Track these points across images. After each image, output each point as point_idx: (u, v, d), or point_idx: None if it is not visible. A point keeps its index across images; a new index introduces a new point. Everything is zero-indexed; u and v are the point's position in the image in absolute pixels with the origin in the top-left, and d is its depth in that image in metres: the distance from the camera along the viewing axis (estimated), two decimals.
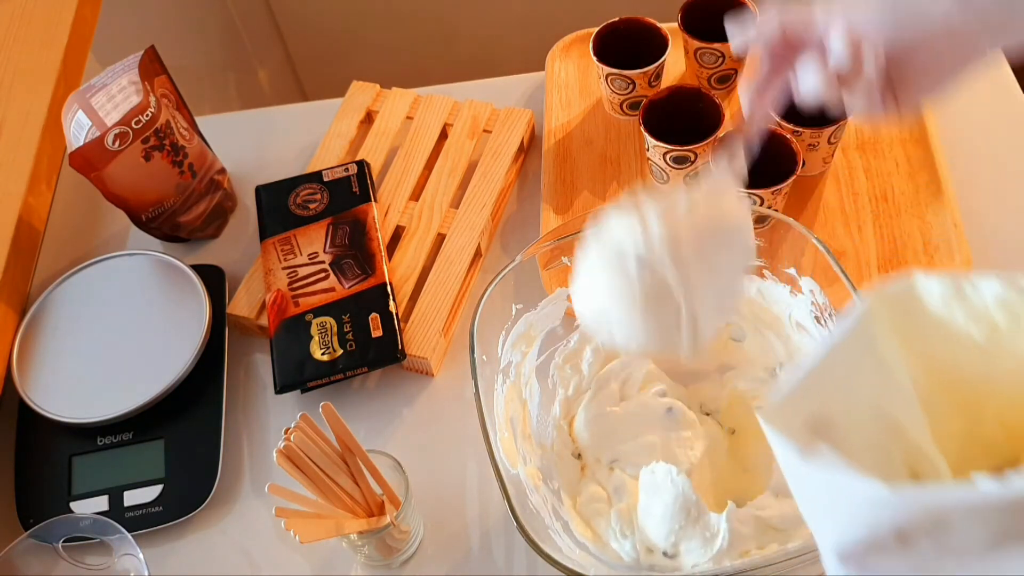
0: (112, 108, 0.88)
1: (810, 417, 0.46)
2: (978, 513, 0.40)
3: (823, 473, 0.43)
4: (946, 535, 0.41)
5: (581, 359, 0.81)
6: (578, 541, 0.71)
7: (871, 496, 0.40)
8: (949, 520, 0.40)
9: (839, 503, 0.43)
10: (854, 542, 0.42)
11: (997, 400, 0.48)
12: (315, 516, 0.70)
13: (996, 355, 0.48)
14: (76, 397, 0.85)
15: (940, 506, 0.40)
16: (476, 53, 1.75)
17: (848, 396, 0.48)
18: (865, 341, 0.48)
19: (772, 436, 0.45)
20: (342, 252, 0.90)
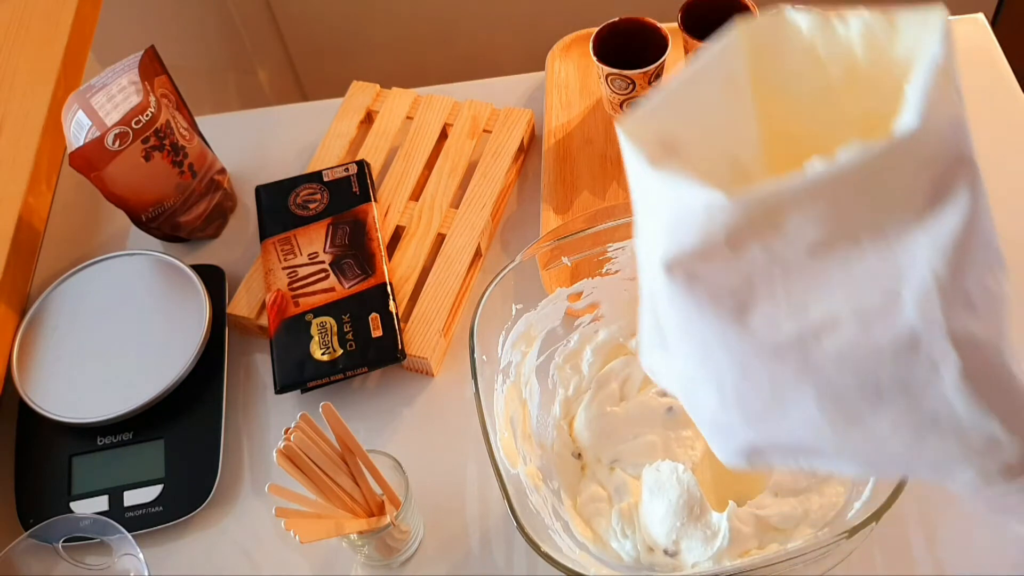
0: (112, 108, 0.88)
1: (664, 134, 0.46)
2: (808, 202, 0.41)
3: (666, 182, 0.43)
4: (775, 237, 0.42)
5: (581, 359, 0.81)
6: (578, 541, 0.71)
7: (709, 202, 0.41)
8: (780, 216, 0.41)
9: (677, 211, 0.43)
10: (686, 249, 0.43)
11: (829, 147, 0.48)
12: (315, 516, 0.70)
13: (843, 100, 0.48)
14: (76, 397, 0.85)
15: (774, 198, 0.41)
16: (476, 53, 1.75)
17: (701, 122, 0.48)
18: (726, 71, 0.48)
19: (625, 145, 0.45)
20: (342, 252, 0.90)
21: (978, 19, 1.03)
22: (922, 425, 0.43)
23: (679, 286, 0.44)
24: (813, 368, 0.43)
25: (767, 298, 0.43)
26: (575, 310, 0.79)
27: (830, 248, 0.41)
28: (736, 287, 0.43)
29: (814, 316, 0.42)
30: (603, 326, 0.81)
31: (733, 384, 0.46)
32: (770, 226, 0.42)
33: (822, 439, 0.45)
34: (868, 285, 0.41)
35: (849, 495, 0.70)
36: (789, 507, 0.71)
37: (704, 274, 0.43)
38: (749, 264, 0.43)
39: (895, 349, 0.41)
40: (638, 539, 0.72)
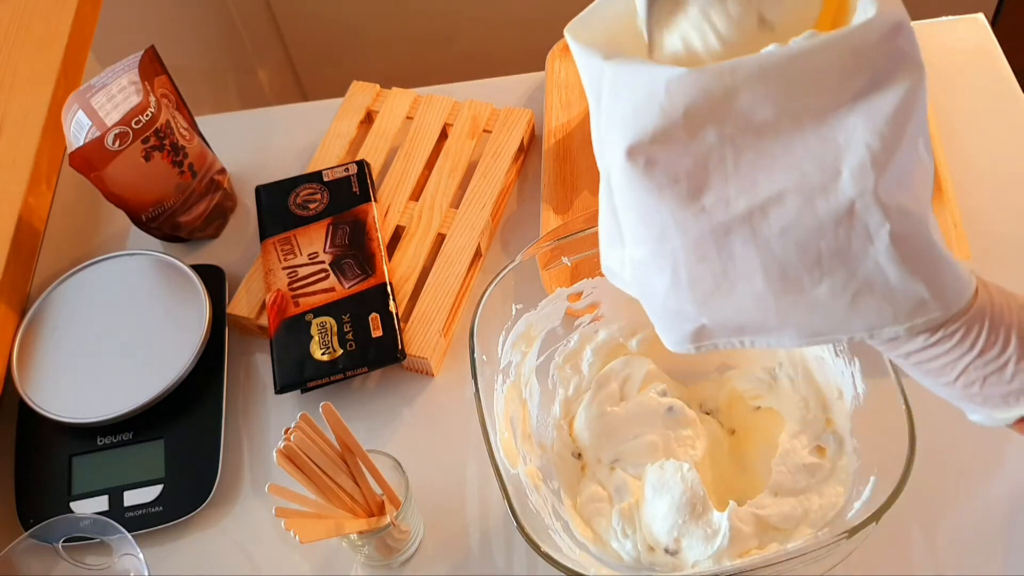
0: (112, 108, 0.88)
1: (608, 30, 0.50)
2: (760, 81, 0.44)
3: (625, 70, 0.46)
4: (728, 117, 0.45)
5: (581, 359, 0.81)
6: (578, 541, 0.71)
7: (670, 77, 0.44)
8: (734, 95, 0.44)
9: (637, 96, 0.46)
10: (647, 131, 0.46)
11: None
12: (315, 516, 0.70)
13: None
14: (76, 397, 0.85)
15: (729, 74, 0.44)
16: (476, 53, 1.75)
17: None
18: None
19: (575, 46, 0.48)
20: (342, 252, 0.90)
21: (978, 19, 1.03)
22: (858, 291, 0.48)
23: (639, 171, 0.47)
24: (761, 242, 0.47)
25: (719, 178, 0.47)
26: (575, 310, 0.79)
27: (777, 129, 0.46)
28: (691, 169, 0.47)
29: (762, 192, 0.46)
30: (603, 326, 0.81)
31: (686, 265, 0.49)
32: (723, 106, 0.45)
33: (767, 313, 0.49)
34: (811, 162, 0.46)
35: (849, 495, 0.70)
36: (788, 507, 0.71)
37: (662, 158, 0.47)
38: (703, 145, 0.46)
39: (834, 220, 0.46)
40: (638, 539, 0.72)
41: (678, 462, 0.73)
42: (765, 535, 0.71)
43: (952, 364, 0.50)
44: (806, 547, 0.62)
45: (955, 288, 0.48)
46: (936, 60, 1.00)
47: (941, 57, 1.00)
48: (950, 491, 0.76)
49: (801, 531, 0.70)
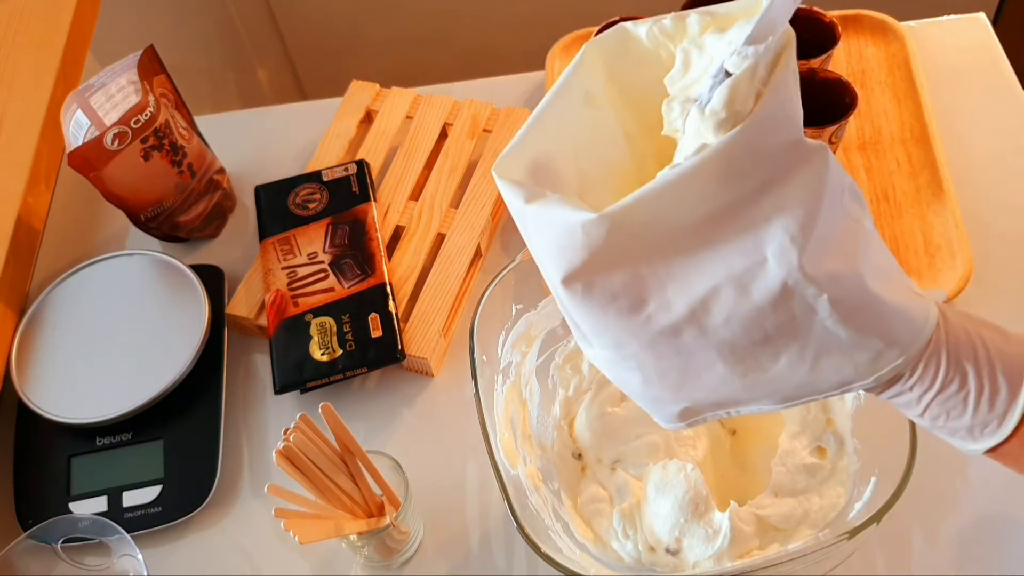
0: (111, 108, 0.88)
1: (532, 163, 0.52)
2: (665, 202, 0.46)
3: (542, 213, 0.49)
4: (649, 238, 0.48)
5: (581, 359, 0.81)
6: (578, 542, 0.71)
7: (583, 220, 0.47)
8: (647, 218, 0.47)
9: (559, 236, 0.48)
10: (575, 265, 0.49)
11: None
12: (315, 517, 0.70)
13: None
14: (75, 397, 0.84)
15: (634, 206, 0.46)
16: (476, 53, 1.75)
17: (565, 139, 0.53)
18: (580, 88, 0.53)
19: (501, 186, 0.51)
20: (342, 252, 0.90)
21: (979, 18, 1.03)
22: (816, 356, 0.49)
23: (579, 296, 0.50)
24: (710, 334, 0.49)
25: (656, 287, 0.49)
26: None
27: (697, 235, 0.47)
28: (627, 283, 0.49)
29: (697, 291, 0.48)
30: None
31: (651, 364, 0.51)
32: (640, 232, 0.47)
33: (736, 391, 0.52)
34: (736, 255, 0.47)
35: (850, 496, 0.70)
36: (788, 507, 0.71)
37: (597, 280, 0.49)
38: (632, 263, 0.48)
39: (772, 302, 0.48)
40: (639, 539, 0.72)
41: (681, 462, 0.73)
42: (766, 535, 0.70)
43: (916, 400, 0.51)
44: (807, 548, 0.62)
45: (909, 332, 0.49)
46: (937, 59, 1.00)
47: (942, 57, 1.00)
48: (950, 491, 0.76)
49: (802, 532, 0.70)
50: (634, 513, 0.73)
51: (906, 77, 0.98)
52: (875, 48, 1.01)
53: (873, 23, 1.02)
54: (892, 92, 0.98)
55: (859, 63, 1.00)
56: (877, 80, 0.99)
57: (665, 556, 0.71)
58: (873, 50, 1.01)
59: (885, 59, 1.00)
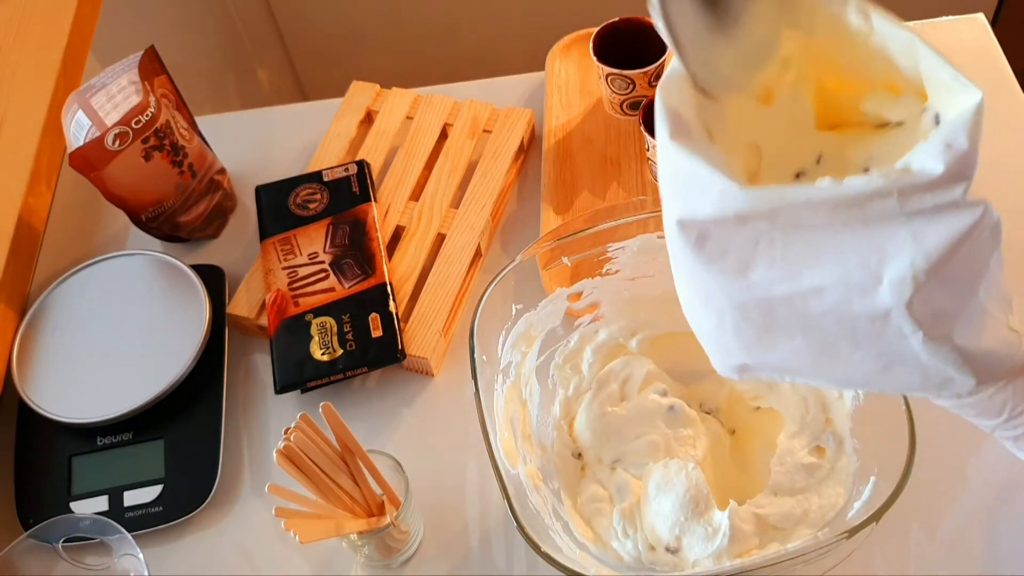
0: (112, 108, 0.88)
1: (696, 96, 0.52)
2: (811, 208, 0.47)
3: (687, 156, 0.49)
4: (779, 220, 0.48)
5: (581, 359, 0.81)
6: (578, 541, 0.71)
7: (723, 188, 0.47)
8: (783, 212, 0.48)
9: (692, 185, 0.49)
10: (697, 216, 0.49)
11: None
12: (315, 516, 0.70)
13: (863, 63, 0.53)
14: (76, 397, 0.85)
15: (780, 199, 0.47)
16: (476, 53, 1.75)
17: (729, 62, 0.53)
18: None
19: (659, 109, 0.51)
20: (342, 252, 0.90)
21: (978, 19, 1.03)
22: (890, 362, 0.51)
23: (689, 243, 0.50)
24: (801, 316, 0.50)
25: (766, 261, 0.49)
26: (575, 310, 0.79)
27: (827, 228, 0.48)
28: (740, 248, 0.49)
29: (804, 283, 0.49)
30: (603, 326, 0.81)
31: (731, 320, 0.52)
32: (772, 215, 0.48)
33: (804, 364, 0.53)
34: (855, 262, 0.48)
35: (849, 495, 0.70)
36: (788, 507, 0.71)
37: (713, 235, 0.50)
38: (753, 231, 0.49)
39: (869, 318, 0.49)
40: (639, 538, 0.72)
41: (682, 461, 0.73)
42: (765, 535, 0.71)
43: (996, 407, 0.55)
44: (806, 547, 0.62)
45: (987, 369, 0.51)
46: None
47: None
48: (950, 491, 0.76)
49: (801, 531, 0.70)
50: (634, 512, 0.73)
51: None
52: None
53: None
54: None
55: None
56: None
57: (665, 555, 0.71)
58: None
59: None
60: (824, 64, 0.56)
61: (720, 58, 0.53)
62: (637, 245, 0.76)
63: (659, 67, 0.93)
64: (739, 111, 0.55)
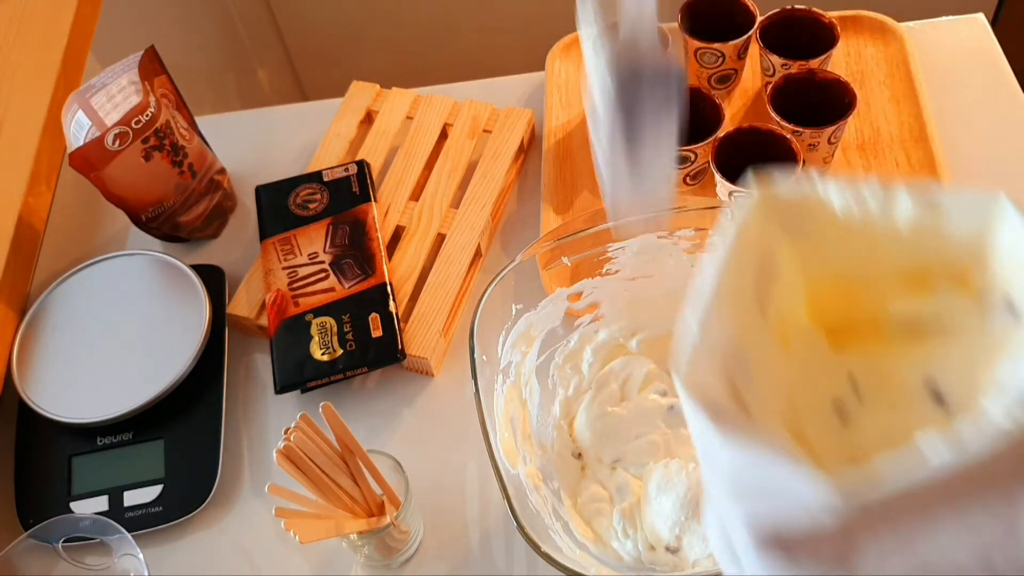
0: (112, 108, 0.88)
1: (723, 364, 0.41)
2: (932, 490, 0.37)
3: (752, 455, 0.38)
4: (891, 520, 0.38)
5: (581, 359, 0.81)
6: (578, 541, 0.71)
7: (819, 500, 0.37)
8: (901, 503, 0.37)
9: (773, 494, 0.38)
10: (786, 533, 0.38)
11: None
12: (315, 516, 0.70)
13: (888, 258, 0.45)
14: (76, 397, 0.85)
15: (896, 488, 0.37)
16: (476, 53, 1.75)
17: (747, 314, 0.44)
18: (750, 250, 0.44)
19: (691, 407, 0.40)
20: (342, 252, 0.90)
21: (978, 19, 1.03)
22: None
23: (779, 562, 0.40)
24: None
25: (875, 552, 0.39)
26: (575, 310, 0.79)
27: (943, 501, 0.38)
28: (840, 552, 0.39)
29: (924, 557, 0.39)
30: (603, 326, 0.81)
31: None
32: (885, 514, 0.38)
33: None
34: (985, 523, 0.38)
35: None
36: None
37: (805, 550, 0.39)
38: (853, 534, 0.39)
39: None
40: (639, 538, 0.72)
41: (682, 460, 0.73)
42: None
43: None
44: None
45: None
46: (936, 60, 1.00)
47: (941, 58, 1.00)
48: None
49: None
50: (634, 512, 0.73)
51: (905, 78, 0.98)
52: (874, 49, 1.01)
53: (872, 24, 1.02)
54: (891, 93, 0.98)
55: (858, 64, 1.00)
56: (876, 81, 0.99)
57: (665, 554, 0.71)
58: (872, 51, 1.01)
59: (884, 60, 1.00)
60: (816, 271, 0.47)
61: None
62: (637, 245, 0.76)
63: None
64: (765, 364, 0.45)
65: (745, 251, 0.44)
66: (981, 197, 0.42)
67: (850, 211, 0.44)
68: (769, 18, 0.93)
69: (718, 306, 0.42)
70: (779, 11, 0.93)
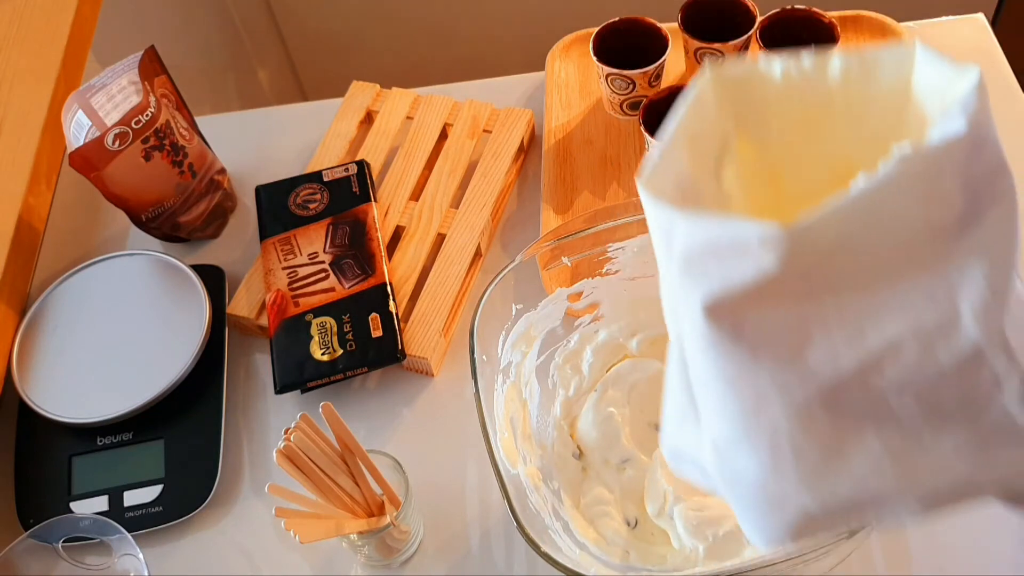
0: (112, 108, 0.88)
1: (678, 179, 0.45)
2: (858, 220, 0.40)
3: (704, 224, 0.41)
4: (830, 265, 0.40)
5: (581, 359, 0.81)
6: (578, 541, 0.71)
7: (763, 235, 0.39)
8: (834, 242, 0.40)
9: (722, 254, 0.41)
10: (735, 289, 0.41)
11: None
12: (315, 516, 0.70)
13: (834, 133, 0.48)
14: (76, 397, 0.85)
15: (824, 223, 0.39)
16: (476, 53, 1.75)
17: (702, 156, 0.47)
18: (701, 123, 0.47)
19: (647, 199, 0.44)
20: (342, 252, 0.90)
21: (978, 19, 1.03)
22: (985, 441, 0.42)
23: (726, 333, 0.42)
24: (875, 398, 0.41)
25: (822, 332, 0.41)
26: (575, 310, 0.79)
27: (881, 270, 0.41)
28: (790, 324, 0.41)
29: (873, 343, 0.41)
30: (603, 326, 0.81)
31: (789, 436, 0.42)
32: (823, 256, 0.40)
33: (884, 482, 0.43)
34: (924, 304, 0.40)
35: None
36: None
37: (752, 316, 0.41)
38: (801, 298, 0.41)
39: (958, 367, 0.41)
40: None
41: None
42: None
43: None
44: (806, 547, 0.62)
45: None
46: None
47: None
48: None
49: None
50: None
51: None
52: None
53: (872, 24, 1.02)
54: None
55: None
56: None
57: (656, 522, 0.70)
58: None
59: None
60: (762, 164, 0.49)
61: None
62: (637, 245, 0.76)
63: (659, 67, 0.93)
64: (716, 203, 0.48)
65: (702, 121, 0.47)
66: (899, 46, 0.45)
67: (789, 75, 0.46)
68: (769, 18, 0.93)
69: (676, 146, 0.45)
70: (779, 11, 0.93)
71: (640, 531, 0.73)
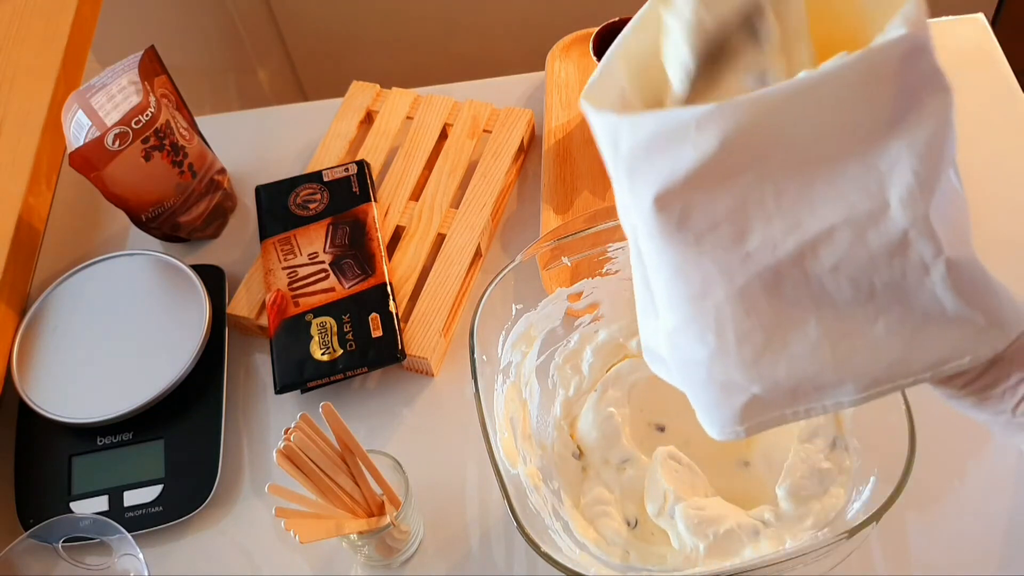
0: (112, 108, 0.88)
1: (620, 93, 0.48)
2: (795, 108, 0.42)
3: (645, 120, 0.44)
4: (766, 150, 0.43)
5: (581, 359, 0.81)
6: (578, 541, 0.71)
7: (700, 114, 0.42)
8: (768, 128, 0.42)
9: (663, 143, 0.43)
10: (677, 175, 0.43)
11: None
12: (315, 516, 0.70)
13: None
14: (76, 397, 0.85)
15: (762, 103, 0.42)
16: (476, 53, 1.75)
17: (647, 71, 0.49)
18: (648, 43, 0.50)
19: (590, 111, 0.46)
20: (342, 252, 0.90)
21: (978, 19, 1.03)
22: (916, 326, 0.46)
23: (672, 222, 0.45)
24: (813, 283, 0.45)
25: (761, 219, 0.44)
26: (575, 310, 0.79)
27: (816, 160, 0.44)
28: (731, 210, 0.44)
29: (809, 230, 0.44)
30: (603, 326, 0.81)
31: (733, 320, 0.46)
32: (758, 139, 0.43)
33: (823, 365, 0.46)
34: (856, 193, 0.44)
35: (849, 496, 0.70)
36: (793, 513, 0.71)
37: (697, 202, 0.44)
38: (741, 185, 0.44)
39: (888, 251, 0.44)
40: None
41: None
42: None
43: (1011, 391, 0.47)
44: (806, 547, 0.62)
45: (1013, 313, 0.47)
46: None
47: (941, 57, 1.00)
48: (949, 491, 0.76)
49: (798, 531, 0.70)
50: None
51: None
52: None
53: None
54: None
55: None
56: None
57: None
58: None
59: None
60: None
61: None
62: None
63: None
64: None
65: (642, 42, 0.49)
66: None
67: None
68: None
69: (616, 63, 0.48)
70: None
71: (640, 531, 0.73)
